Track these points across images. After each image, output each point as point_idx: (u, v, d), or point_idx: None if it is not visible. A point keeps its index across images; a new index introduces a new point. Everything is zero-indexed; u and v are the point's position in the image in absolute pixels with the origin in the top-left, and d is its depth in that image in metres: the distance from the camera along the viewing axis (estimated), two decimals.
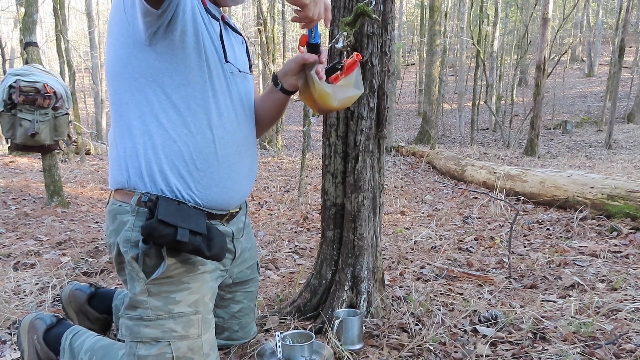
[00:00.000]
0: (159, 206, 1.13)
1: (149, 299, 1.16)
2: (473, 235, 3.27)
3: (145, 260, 1.16)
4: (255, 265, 1.59)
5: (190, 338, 1.18)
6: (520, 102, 15.00)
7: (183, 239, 1.10)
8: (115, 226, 1.19)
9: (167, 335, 1.16)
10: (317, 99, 1.27)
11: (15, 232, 3.40)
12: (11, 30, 18.65)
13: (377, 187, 1.82)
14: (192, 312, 1.19)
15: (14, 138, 3.62)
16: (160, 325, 1.16)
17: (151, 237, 1.10)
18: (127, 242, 1.16)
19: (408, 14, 31.26)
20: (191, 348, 1.18)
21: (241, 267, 1.50)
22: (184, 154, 1.18)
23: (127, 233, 1.16)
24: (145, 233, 1.10)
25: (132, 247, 1.15)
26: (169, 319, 1.17)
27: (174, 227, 1.10)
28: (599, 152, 8.50)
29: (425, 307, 1.91)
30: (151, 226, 1.10)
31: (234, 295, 1.53)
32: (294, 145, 13.24)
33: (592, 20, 25.86)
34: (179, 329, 1.17)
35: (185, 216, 1.14)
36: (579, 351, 1.53)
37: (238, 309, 1.55)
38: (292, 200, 4.75)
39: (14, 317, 1.90)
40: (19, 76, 3.57)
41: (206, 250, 1.15)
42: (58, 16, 8.04)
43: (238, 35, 1.37)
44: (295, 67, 1.30)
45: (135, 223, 1.15)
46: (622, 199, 3.34)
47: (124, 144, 1.18)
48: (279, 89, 1.36)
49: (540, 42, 7.96)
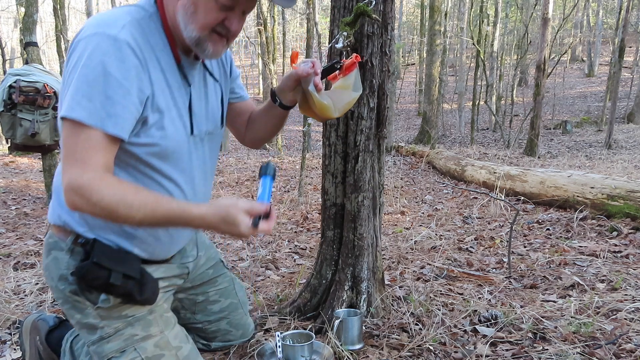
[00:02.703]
0: (95, 248, 1.12)
1: (103, 321, 1.17)
2: (473, 235, 3.27)
3: (85, 293, 1.16)
4: (218, 264, 1.58)
5: (153, 336, 1.20)
6: (520, 102, 15.00)
7: (115, 282, 1.10)
8: (50, 261, 1.19)
9: (130, 341, 1.17)
10: (317, 112, 1.27)
11: (15, 232, 3.40)
12: (11, 30, 18.68)
13: (377, 187, 1.82)
14: (147, 313, 1.21)
15: (14, 138, 3.62)
16: (120, 335, 1.17)
17: (84, 279, 1.11)
18: (63, 280, 1.16)
19: (408, 14, 31.27)
20: (157, 345, 1.19)
21: (199, 270, 1.51)
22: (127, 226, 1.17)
23: (62, 272, 1.16)
24: (78, 275, 1.11)
25: (69, 284, 1.15)
26: (127, 326, 1.18)
27: (107, 270, 1.10)
28: (599, 152, 8.49)
29: (425, 307, 1.91)
30: (85, 268, 1.10)
31: (206, 296, 1.53)
32: (294, 145, 13.23)
33: (592, 20, 25.87)
34: (139, 331, 1.18)
35: (120, 259, 1.14)
36: (579, 351, 1.53)
37: (219, 309, 1.54)
38: (292, 200, 4.75)
39: (14, 317, 1.90)
40: (19, 76, 3.57)
41: (137, 295, 1.15)
42: (58, 16, 8.05)
43: (215, 82, 1.30)
44: (291, 84, 1.28)
45: (69, 262, 1.15)
46: (622, 199, 3.34)
47: None
48: (277, 105, 1.35)
49: (540, 42, 7.96)
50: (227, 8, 1.06)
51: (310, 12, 8.68)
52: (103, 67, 0.99)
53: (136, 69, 1.04)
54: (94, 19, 1.06)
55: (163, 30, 1.11)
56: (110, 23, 1.03)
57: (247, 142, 1.47)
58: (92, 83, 0.99)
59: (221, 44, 1.12)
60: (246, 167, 7.51)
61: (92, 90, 0.99)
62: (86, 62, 1.00)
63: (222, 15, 1.07)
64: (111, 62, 1.00)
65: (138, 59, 1.04)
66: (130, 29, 1.04)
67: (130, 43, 1.03)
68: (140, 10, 1.10)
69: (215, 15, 1.07)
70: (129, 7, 1.10)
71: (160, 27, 1.11)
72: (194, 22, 1.07)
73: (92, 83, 0.99)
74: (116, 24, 1.03)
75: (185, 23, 1.08)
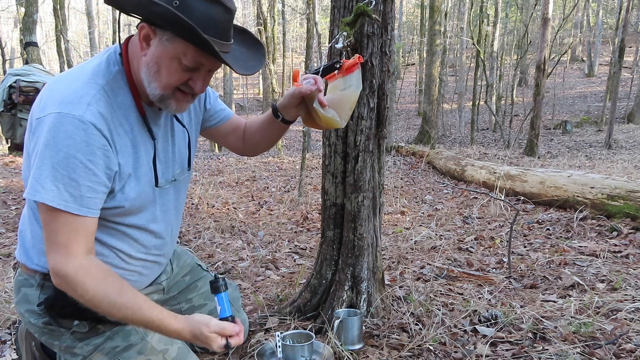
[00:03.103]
0: None
1: (81, 342, 1.18)
2: (473, 235, 3.27)
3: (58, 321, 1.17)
4: (195, 268, 1.59)
5: (135, 344, 1.20)
6: (520, 102, 14.99)
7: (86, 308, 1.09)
8: (20, 298, 1.20)
9: (112, 354, 1.18)
10: (323, 125, 1.28)
11: (15, 232, 3.40)
12: (11, 30, 18.67)
13: (377, 187, 1.82)
14: (123, 324, 1.21)
15: (14, 138, 3.63)
16: (101, 351, 1.18)
17: (53, 308, 1.13)
18: (35, 314, 1.17)
19: (408, 14, 31.26)
20: (141, 352, 1.20)
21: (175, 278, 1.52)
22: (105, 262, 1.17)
23: (33, 307, 1.17)
24: (47, 305, 1.13)
25: (41, 317, 1.17)
26: (106, 341, 1.19)
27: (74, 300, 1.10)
28: (599, 152, 8.49)
29: (425, 307, 1.91)
30: (53, 298, 1.12)
31: (190, 303, 1.54)
32: (294, 145, 13.23)
33: (592, 20, 25.87)
34: (120, 342, 1.19)
35: None
36: (579, 351, 1.53)
37: (208, 312, 1.53)
38: (292, 200, 4.75)
39: (14, 317, 1.90)
40: (19, 76, 3.57)
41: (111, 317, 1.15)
42: (58, 16, 8.05)
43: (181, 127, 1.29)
44: (295, 101, 1.28)
45: (40, 297, 1.16)
46: (622, 199, 3.34)
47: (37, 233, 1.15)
48: (279, 120, 1.35)
49: (540, 42, 7.96)
50: (191, 69, 1.05)
51: (310, 12, 8.68)
52: (67, 150, 0.98)
53: (102, 148, 1.03)
54: (57, 93, 1.03)
55: (128, 86, 1.10)
56: (74, 101, 1.00)
57: (247, 154, 1.49)
58: (57, 167, 0.98)
59: (185, 101, 1.12)
60: (246, 167, 7.51)
61: (56, 173, 0.98)
62: (51, 144, 0.98)
63: (187, 75, 1.06)
64: (76, 146, 0.99)
65: (105, 138, 1.03)
66: (96, 105, 1.02)
67: (96, 124, 1.01)
68: (105, 74, 1.07)
69: (178, 76, 1.05)
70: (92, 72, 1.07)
71: (125, 84, 1.10)
72: (156, 80, 1.06)
73: (56, 167, 0.98)
74: (81, 102, 1.01)
75: (148, 81, 1.07)
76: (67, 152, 0.98)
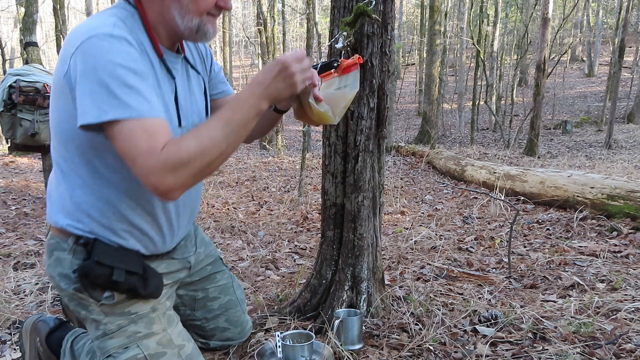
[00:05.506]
0: (96, 247, 1.13)
1: (106, 317, 1.18)
2: (473, 235, 3.27)
3: (88, 291, 1.16)
4: (217, 260, 1.59)
5: (156, 334, 1.21)
6: (520, 102, 15.00)
7: (119, 279, 1.12)
8: (52, 262, 1.19)
9: (132, 338, 1.18)
10: (316, 120, 1.26)
11: (15, 232, 3.40)
12: (11, 30, 18.68)
13: (377, 187, 1.82)
14: (150, 311, 1.22)
15: (14, 138, 3.62)
16: (123, 332, 1.18)
17: (87, 277, 1.12)
18: (67, 279, 1.17)
19: (408, 14, 31.26)
20: (160, 343, 1.20)
21: (199, 266, 1.52)
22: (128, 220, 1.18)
23: (65, 271, 1.17)
24: (81, 274, 1.12)
25: (72, 282, 1.16)
26: (130, 324, 1.19)
27: (110, 268, 1.11)
28: (599, 152, 8.49)
29: (425, 307, 1.91)
30: (87, 267, 1.11)
31: (206, 293, 1.54)
32: (294, 145, 13.23)
33: (592, 20, 25.86)
34: (142, 329, 1.19)
35: (121, 257, 1.15)
36: (579, 351, 1.53)
37: (218, 305, 1.55)
38: (292, 200, 4.75)
39: (14, 317, 1.90)
40: (19, 76, 3.57)
41: (142, 289, 1.16)
42: (58, 16, 8.05)
43: (197, 75, 1.32)
44: None
45: (72, 262, 1.16)
46: (622, 199, 3.34)
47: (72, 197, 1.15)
48: (272, 110, 1.35)
49: (540, 42, 7.96)
50: None
51: (310, 12, 8.68)
52: (112, 63, 0.98)
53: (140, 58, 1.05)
54: (80, 27, 1.05)
55: (144, 28, 1.13)
56: (99, 25, 1.03)
57: None
58: (108, 81, 0.97)
59: (216, 23, 1.18)
60: (246, 167, 7.51)
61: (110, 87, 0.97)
62: (90, 67, 0.98)
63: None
64: (117, 56, 0.99)
65: (137, 51, 1.05)
66: (120, 27, 1.05)
67: (126, 37, 1.03)
68: (121, 10, 1.11)
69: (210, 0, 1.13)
70: (109, 10, 1.12)
71: (141, 25, 1.13)
72: (191, 11, 1.11)
73: (107, 82, 0.97)
74: (106, 24, 1.03)
75: (182, 15, 1.12)
76: (112, 65, 0.98)
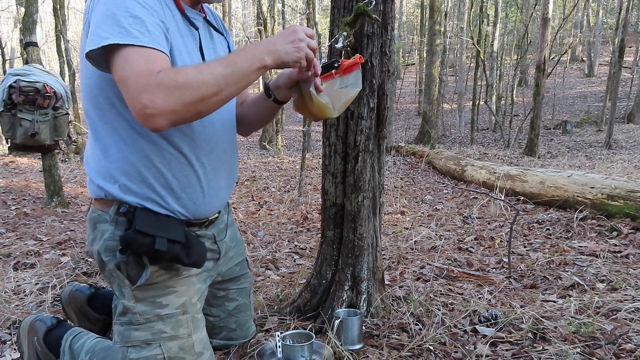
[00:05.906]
0: (137, 216, 1.13)
1: (137, 304, 1.17)
2: (473, 235, 3.27)
3: (127, 269, 1.16)
4: (244, 262, 1.59)
5: (180, 338, 1.20)
6: (520, 102, 15.00)
7: (161, 248, 1.11)
8: (96, 235, 1.19)
9: (157, 336, 1.17)
10: (315, 112, 1.25)
11: (15, 232, 3.40)
12: (11, 30, 18.67)
13: (377, 187, 1.82)
14: (180, 312, 1.21)
15: (14, 138, 3.62)
16: (149, 327, 1.17)
17: (129, 247, 1.11)
18: (108, 251, 1.16)
19: (408, 14, 31.26)
20: (182, 347, 1.20)
21: (229, 264, 1.51)
22: (165, 175, 1.17)
23: (107, 242, 1.16)
24: (124, 243, 1.11)
25: (113, 256, 1.16)
26: (158, 321, 1.18)
27: (152, 237, 1.11)
28: (599, 152, 8.50)
29: (425, 307, 1.91)
30: (129, 236, 1.10)
31: (227, 292, 1.53)
32: (294, 145, 13.23)
33: (592, 20, 25.86)
34: (168, 330, 1.19)
35: (163, 225, 1.15)
36: (579, 351, 1.53)
37: (234, 307, 1.55)
38: (292, 200, 4.75)
39: (14, 317, 1.90)
40: (19, 76, 3.57)
41: (185, 258, 1.16)
42: (58, 16, 8.05)
43: (220, 35, 1.34)
44: (290, 82, 1.28)
45: (114, 232, 1.16)
46: (622, 199, 3.34)
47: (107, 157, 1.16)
48: (271, 100, 1.34)
49: (540, 42, 7.96)
50: None
51: (310, 12, 8.68)
52: None
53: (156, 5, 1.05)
54: None
55: None
56: None
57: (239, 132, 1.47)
58: (116, 10, 0.99)
59: None
60: (246, 167, 7.52)
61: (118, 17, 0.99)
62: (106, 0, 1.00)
63: None
64: None
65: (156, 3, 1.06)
66: None
67: None
68: None
69: None
70: None
71: None
72: None
73: (117, 12, 0.99)
74: None
75: None
76: None
